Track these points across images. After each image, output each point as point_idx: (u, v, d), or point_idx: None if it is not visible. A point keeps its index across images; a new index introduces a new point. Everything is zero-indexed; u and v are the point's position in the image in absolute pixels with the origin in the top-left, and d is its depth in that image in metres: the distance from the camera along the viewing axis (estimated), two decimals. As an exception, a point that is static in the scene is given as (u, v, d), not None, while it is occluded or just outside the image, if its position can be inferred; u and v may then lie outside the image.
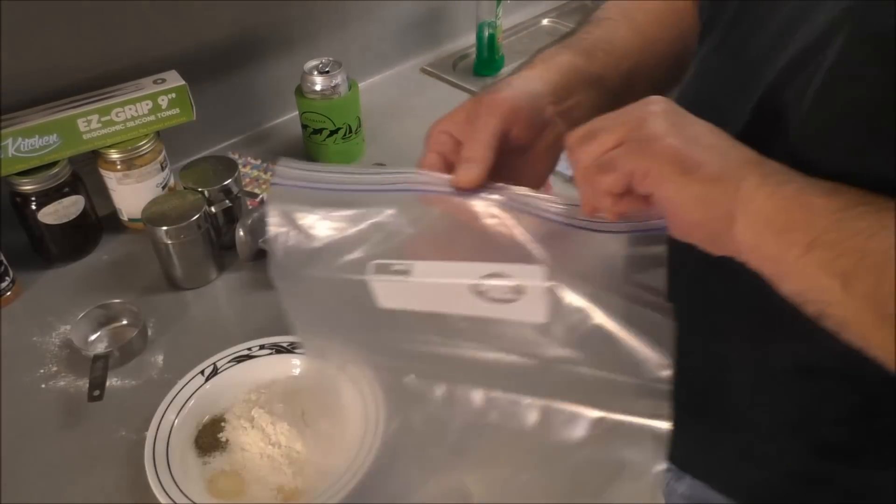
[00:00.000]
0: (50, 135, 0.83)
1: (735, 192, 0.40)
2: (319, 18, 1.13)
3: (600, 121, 0.45)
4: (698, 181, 0.40)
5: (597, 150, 0.43)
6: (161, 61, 0.95)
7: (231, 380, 0.72)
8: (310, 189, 0.49)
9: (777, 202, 0.40)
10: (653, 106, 0.43)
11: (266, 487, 0.64)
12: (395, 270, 0.47)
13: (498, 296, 0.46)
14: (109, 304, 0.81)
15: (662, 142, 0.41)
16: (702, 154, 0.41)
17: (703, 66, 0.56)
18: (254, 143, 1.12)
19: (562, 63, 0.55)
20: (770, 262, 0.40)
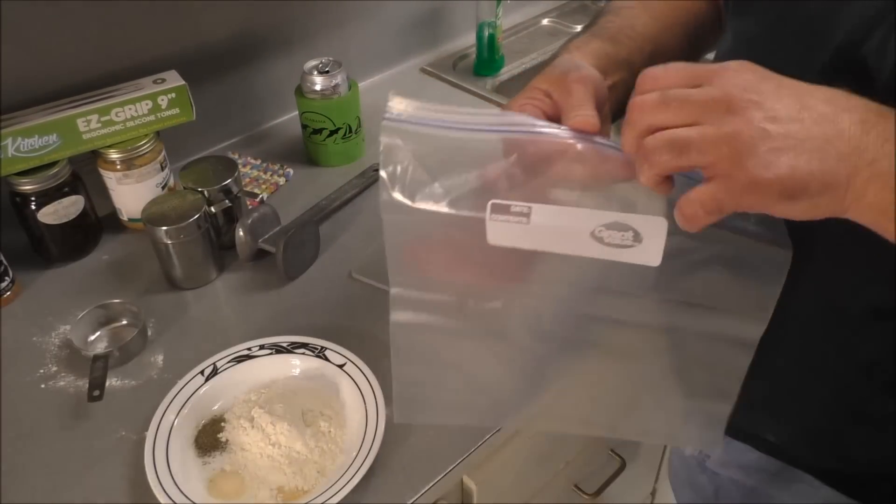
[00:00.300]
0: (50, 135, 0.83)
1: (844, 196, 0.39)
2: (319, 18, 1.13)
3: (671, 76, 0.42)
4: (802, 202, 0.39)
5: (669, 119, 0.40)
6: (161, 61, 0.95)
7: (231, 380, 0.72)
8: (423, 126, 0.50)
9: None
10: (736, 76, 0.40)
11: (266, 487, 0.65)
12: (514, 212, 0.48)
13: (617, 242, 0.47)
14: (109, 304, 0.81)
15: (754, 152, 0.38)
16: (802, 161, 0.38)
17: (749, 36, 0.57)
18: (254, 143, 1.12)
19: (595, 49, 0.58)
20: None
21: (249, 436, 0.67)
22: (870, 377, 0.56)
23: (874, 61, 0.46)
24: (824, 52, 0.49)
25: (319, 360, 0.73)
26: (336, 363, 0.73)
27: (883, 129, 0.39)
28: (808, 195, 0.39)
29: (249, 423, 0.68)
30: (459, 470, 0.69)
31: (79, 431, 0.71)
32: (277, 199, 0.99)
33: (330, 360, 0.73)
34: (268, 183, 1.02)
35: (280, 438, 0.66)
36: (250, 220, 0.86)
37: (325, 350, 0.74)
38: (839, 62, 0.48)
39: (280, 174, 1.04)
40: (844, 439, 0.61)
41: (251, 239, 0.86)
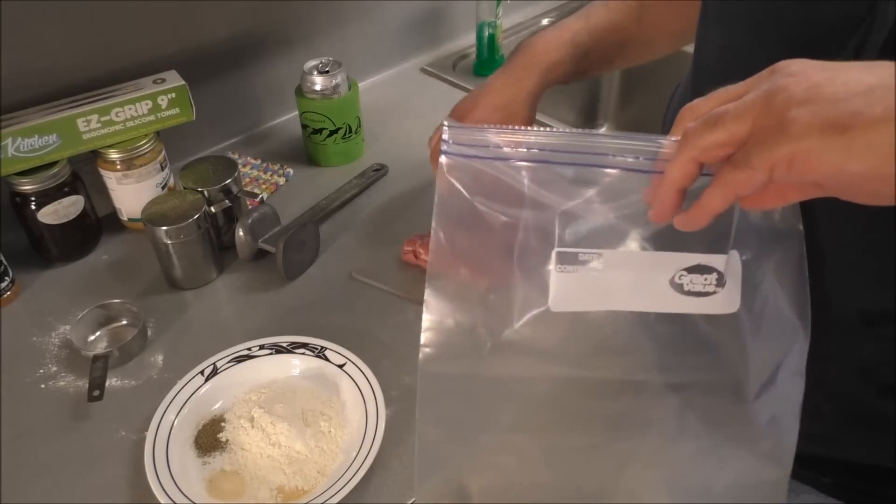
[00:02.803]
0: (50, 135, 0.83)
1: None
2: (319, 18, 1.13)
3: (721, 97, 0.40)
4: (862, 129, 0.33)
5: (722, 138, 0.37)
6: (161, 61, 0.95)
7: (231, 380, 0.72)
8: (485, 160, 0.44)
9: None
10: (783, 77, 0.37)
11: (266, 487, 0.64)
12: (582, 260, 0.43)
13: (699, 289, 0.43)
14: (109, 304, 0.81)
15: (801, 117, 0.34)
16: (856, 101, 0.34)
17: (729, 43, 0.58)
18: (254, 143, 1.12)
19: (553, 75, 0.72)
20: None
21: (249, 436, 0.67)
22: (866, 382, 0.56)
23: None
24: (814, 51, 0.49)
25: (319, 360, 0.73)
26: (336, 363, 0.73)
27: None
28: (864, 122, 0.33)
29: (249, 423, 0.68)
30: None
31: (79, 431, 0.71)
32: (277, 199, 0.99)
33: (330, 360, 0.73)
34: (268, 183, 1.02)
35: (280, 438, 0.66)
36: (250, 220, 0.86)
37: (325, 350, 0.74)
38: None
39: (280, 174, 1.04)
40: (846, 446, 0.60)
41: (251, 239, 0.86)
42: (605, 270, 0.43)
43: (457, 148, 0.44)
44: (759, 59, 0.53)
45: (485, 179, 0.44)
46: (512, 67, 0.76)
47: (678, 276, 0.43)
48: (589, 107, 1.50)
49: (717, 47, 0.59)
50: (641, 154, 0.43)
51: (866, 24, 0.45)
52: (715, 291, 0.43)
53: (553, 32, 0.76)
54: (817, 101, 0.34)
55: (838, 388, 0.57)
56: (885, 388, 0.55)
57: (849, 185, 0.36)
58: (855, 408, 0.58)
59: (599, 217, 0.44)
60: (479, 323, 0.45)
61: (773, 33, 0.52)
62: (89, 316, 0.80)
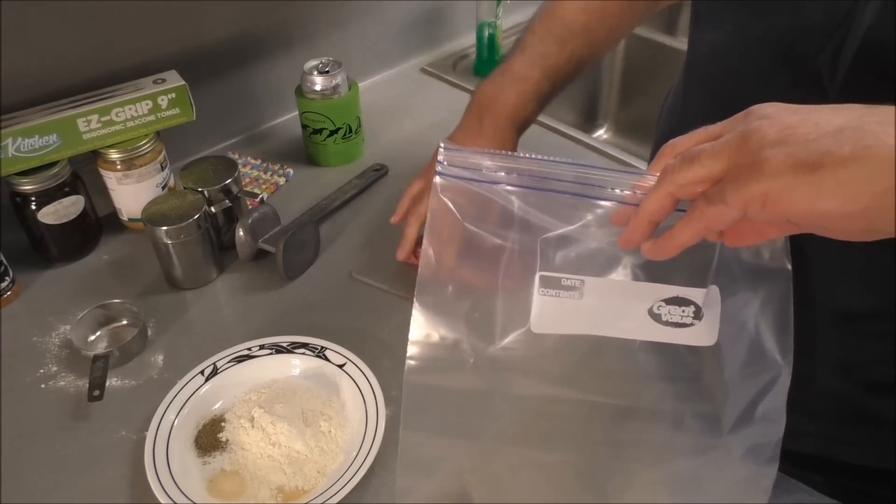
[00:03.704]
0: (50, 135, 0.83)
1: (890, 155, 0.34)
2: (319, 18, 1.13)
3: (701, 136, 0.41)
4: (831, 168, 0.34)
5: (699, 175, 0.39)
6: (161, 61, 0.95)
7: (231, 380, 0.72)
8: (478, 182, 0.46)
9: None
10: (758, 120, 0.38)
11: (266, 487, 0.64)
12: (565, 285, 0.45)
13: (676, 320, 0.44)
14: (109, 304, 0.81)
15: (775, 157, 0.36)
16: (826, 141, 0.35)
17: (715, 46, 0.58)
18: (254, 143, 1.12)
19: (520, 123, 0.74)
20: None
21: (249, 436, 0.67)
22: (851, 379, 0.56)
23: (827, 75, 0.48)
24: (788, 65, 0.50)
25: (319, 360, 0.73)
26: (336, 363, 0.73)
27: None
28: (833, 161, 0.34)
29: (249, 423, 0.68)
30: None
31: (79, 431, 0.71)
32: (277, 199, 0.99)
33: (330, 360, 0.73)
34: (268, 183, 1.02)
35: (280, 438, 0.66)
36: (250, 220, 0.86)
37: (325, 350, 0.74)
38: (799, 75, 0.49)
39: (280, 174, 1.04)
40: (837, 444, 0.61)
41: (251, 239, 0.86)
42: (586, 297, 0.45)
43: (451, 170, 0.46)
44: (747, 62, 0.54)
45: (476, 201, 0.46)
46: (489, 125, 0.75)
47: (657, 306, 0.44)
48: (589, 107, 1.50)
49: (707, 50, 0.60)
50: (629, 188, 0.44)
51: (843, 28, 0.46)
52: (692, 323, 0.44)
53: (517, 86, 0.75)
54: (790, 141, 0.35)
55: (825, 386, 0.58)
56: (871, 386, 0.56)
57: (821, 222, 0.36)
58: (843, 405, 0.58)
59: (583, 244, 0.46)
60: (463, 339, 0.47)
61: (759, 37, 0.53)
62: (89, 316, 0.80)
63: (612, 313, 0.45)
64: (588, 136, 1.12)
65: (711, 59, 0.59)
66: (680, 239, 0.40)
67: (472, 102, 0.78)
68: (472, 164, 0.47)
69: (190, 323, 0.82)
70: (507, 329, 0.46)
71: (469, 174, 0.46)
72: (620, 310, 0.45)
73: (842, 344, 0.56)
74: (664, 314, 0.44)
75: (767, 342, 0.46)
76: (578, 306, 0.45)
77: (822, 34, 0.48)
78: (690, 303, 0.44)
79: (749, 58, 0.54)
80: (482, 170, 0.46)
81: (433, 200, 0.46)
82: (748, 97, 0.43)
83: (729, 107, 0.55)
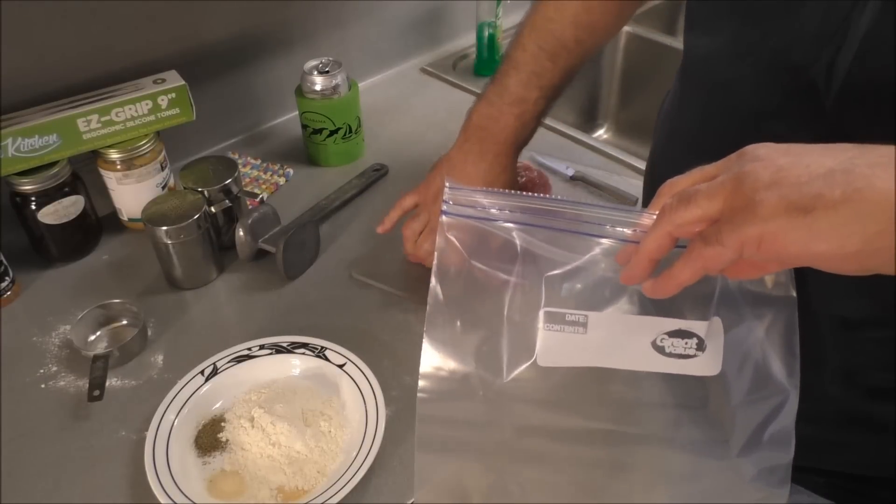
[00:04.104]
0: (50, 135, 0.83)
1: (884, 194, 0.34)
2: (319, 18, 1.13)
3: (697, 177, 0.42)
4: (823, 211, 0.35)
5: (696, 215, 0.39)
6: (161, 61, 0.95)
7: (231, 380, 0.72)
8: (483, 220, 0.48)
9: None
10: (752, 162, 0.39)
11: (266, 487, 0.64)
12: (569, 321, 0.46)
13: (680, 352, 0.45)
14: (109, 304, 0.81)
15: (768, 199, 0.36)
16: (818, 184, 0.36)
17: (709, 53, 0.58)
18: (254, 143, 1.12)
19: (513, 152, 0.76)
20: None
21: (249, 436, 0.67)
22: (851, 385, 0.57)
23: (822, 83, 0.48)
24: (783, 73, 0.50)
25: (319, 360, 0.73)
26: (336, 363, 0.73)
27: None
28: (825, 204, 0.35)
29: (249, 423, 0.68)
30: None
31: (79, 431, 0.71)
32: (277, 199, 0.99)
33: (330, 360, 0.73)
34: (268, 183, 1.02)
35: (280, 438, 0.66)
36: (250, 220, 0.86)
37: (325, 350, 0.74)
38: (794, 83, 0.49)
39: (280, 174, 1.04)
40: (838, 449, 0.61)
41: (251, 239, 0.86)
42: (591, 331, 0.46)
43: (456, 209, 0.48)
44: (741, 69, 0.54)
45: (481, 238, 0.48)
46: (490, 151, 0.76)
47: (660, 339, 0.45)
48: (589, 107, 1.50)
49: (702, 56, 0.60)
50: (629, 226, 0.46)
51: (838, 37, 0.46)
52: (696, 354, 0.45)
53: (516, 108, 0.75)
54: (783, 184, 0.36)
55: (825, 392, 0.58)
56: (870, 391, 0.56)
57: (816, 262, 0.37)
58: (843, 411, 0.58)
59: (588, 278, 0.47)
60: (472, 373, 0.48)
61: (753, 44, 0.53)
62: (89, 316, 0.80)
63: (617, 346, 0.46)
64: (588, 136, 1.12)
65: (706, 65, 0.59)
66: (679, 279, 0.41)
67: (471, 125, 0.78)
68: (476, 203, 0.48)
69: (190, 323, 0.82)
70: (515, 363, 0.47)
71: (474, 212, 0.48)
72: (624, 343, 0.46)
73: (841, 350, 0.56)
74: (667, 346, 0.45)
75: (774, 367, 0.46)
76: (583, 340, 0.46)
77: (817, 43, 0.48)
78: (693, 335, 0.45)
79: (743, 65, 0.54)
80: (487, 208, 0.48)
81: (440, 239, 0.48)
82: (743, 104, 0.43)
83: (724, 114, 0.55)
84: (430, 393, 0.48)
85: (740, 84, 0.54)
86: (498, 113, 0.75)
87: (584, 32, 0.74)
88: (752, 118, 0.54)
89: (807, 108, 0.49)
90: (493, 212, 0.48)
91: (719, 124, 0.58)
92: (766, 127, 0.53)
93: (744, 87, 0.54)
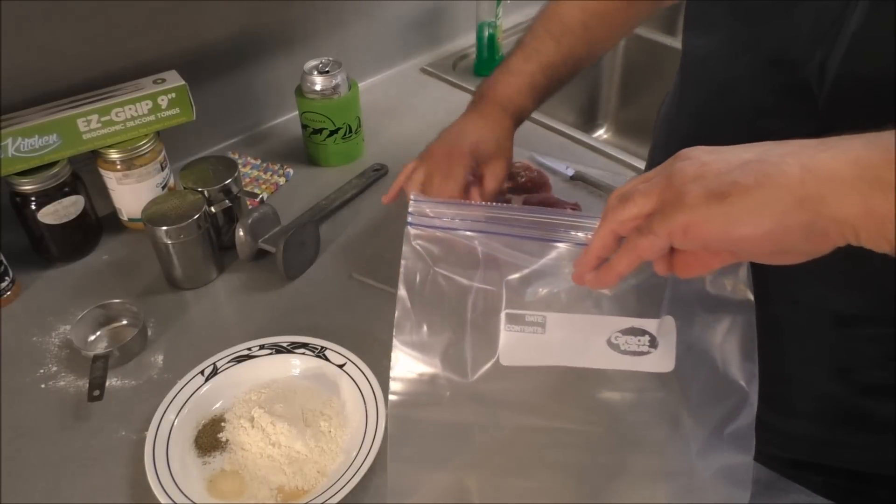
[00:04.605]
0: (50, 135, 0.83)
1: (792, 178, 0.37)
2: (319, 18, 1.13)
3: (638, 181, 0.44)
4: (740, 196, 0.38)
5: (633, 212, 0.43)
6: (161, 61, 0.95)
7: (231, 380, 0.72)
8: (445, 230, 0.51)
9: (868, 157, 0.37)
10: (681, 161, 0.42)
11: (266, 487, 0.64)
12: (529, 321, 0.48)
13: (633, 349, 0.48)
14: (109, 304, 0.81)
15: (692, 190, 0.40)
16: (734, 174, 0.39)
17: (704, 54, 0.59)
18: (254, 143, 1.12)
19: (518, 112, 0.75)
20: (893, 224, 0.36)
21: (249, 436, 0.67)
22: (845, 382, 0.57)
23: (815, 81, 0.48)
24: (778, 72, 0.51)
25: (319, 360, 0.73)
26: (336, 363, 0.73)
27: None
28: (741, 190, 0.38)
29: (249, 423, 0.68)
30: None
31: (79, 431, 0.71)
32: (277, 199, 0.99)
33: (330, 360, 0.73)
34: (268, 183, 1.02)
35: (280, 438, 0.66)
36: (250, 220, 0.86)
37: (325, 350, 0.74)
38: (789, 82, 0.50)
39: (280, 174, 1.04)
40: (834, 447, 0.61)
41: (251, 239, 0.86)
42: (549, 331, 0.48)
43: (420, 219, 0.51)
44: (738, 68, 0.55)
45: (445, 246, 0.51)
46: (484, 112, 0.76)
47: (614, 336, 0.48)
48: (589, 107, 1.50)
49: (700, 56, 0.61)
50: (583, 230, 0.49)
51: (831, 36, 0.47)
52: (649, 351, 0.48)
53: (512, 78, 0.77)
54: (706, 176, 0.40)
55: (821, 389, 0.58)
56: (865, 388, 0.56)
57: (738, 247, 0.40)
58: (840, 408, 0.58)
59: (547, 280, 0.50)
60: (440, 374, 0.51)
61: (749, 44, 0.54)
62: (89, 316, 0.80)
63: (575, 345, 0.48)
64: (588, 136, 1.12)
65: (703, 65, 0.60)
66: (617, 268, 0.44)
67: (474, 95, 0.81)
68: (439, 213, 0.52)
69: (190, 323, 0.82)
70: (479, 363, 0.50)
71: (438, 222, 0.52)
72: (581, 341, 0.48)
73: (836, 347, 0.56)
74: (622, 344, 0.48)
75: (732, 369, 0.49)
76: (543, 340, 0.48)
77: (810, 41, 0.48)
78: (645, 332, 0.47)
79: (740, 64, 0.54)
80: (450, 218, 0.52)
81: (406, 248, 0.51)
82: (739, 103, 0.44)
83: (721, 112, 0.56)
84: (401, 395, 0.50)
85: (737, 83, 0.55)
86: (495, 82, 0.78)
87: (592, 19, 0.75)
88: (747, 117, 0.55)
89: (801, 106, 0.50)
90: (456, 221, 0.51)
91: (716, 123, 0.58)
92: (761, 125, 0.53)
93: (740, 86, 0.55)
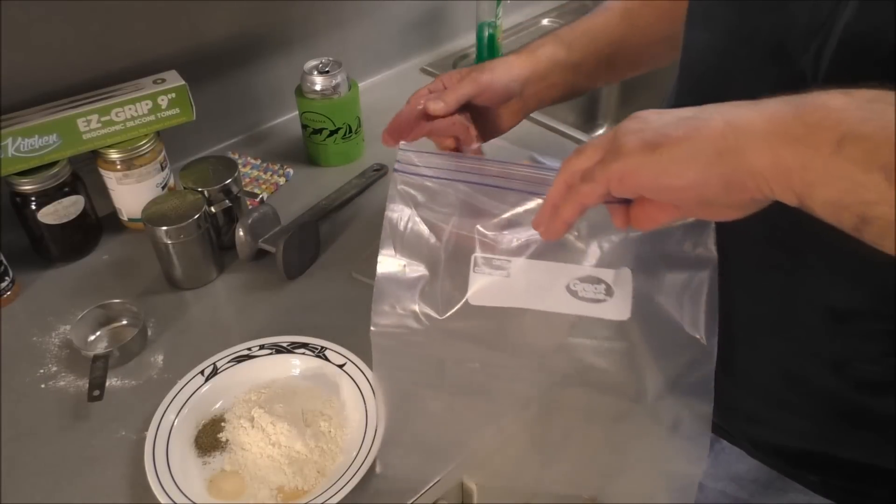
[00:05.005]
0: (50, 135, 0.83)
1: (715, 131, 0.41)
2: (319, 18, 1.13)
3: (592, 139, 0.48)
4: (669, 146, 0.42)
5: (582, 163, 0.46)
6: (161, 61, 0.95)
7: (231, 380, 0.72)
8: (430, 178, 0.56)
9: (782, 112, 0.40)
10: (630, 120, 0.45)
11: (266, 487, 0.64)
12: (496, 265, 0.52)
13: (590, 296, 0.51)
14: (109, 304, 0.81)
15: (630, 142, 0.43)
16: (668, 128, 0.42)
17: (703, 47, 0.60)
18: (254, 143, 1.12)
19: (541, 54, 0.70)
20: (797, 176, 0.39)
21: (249, 436, 0.67)
22: (841, 377, 0.57)
23: (810, 73, 0.49)
24: (775, 64, 0.51)
25: (319, 360, 0.73)
26: (336, 363, 0.73)
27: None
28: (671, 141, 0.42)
29: (249, 423, 0.68)
30: (459, 470, 0.69)
31: (79, 431, 0.71)
32: (277, 199, 0.99)
33: (330, 360, 0.73)
34: (268, 183, 1.02)
35: (280, 438, 0.66)
36: (250, 220, 0.86)
37: (325, 350, 0.74)
38: (785, 75, 0.50)
39: (280, 174, 1.04)
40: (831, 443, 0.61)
41: (251, 239, 0.86)
42: (513, 275, 0.52)
43: (406, 167, 0.56)
44: (736, 62, 0.55)
45: (427, 193, 0.55)
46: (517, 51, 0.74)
47: (573, 283, 0.51)
48: (589, 107, 1.50)
49: (700, 50, 0.61)
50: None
51: (826, 28, 0.47)
52: (605, 299, 0.51)
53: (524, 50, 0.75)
54: (644, 130, 0.43)
55: (817, 385, 0.58)
56: (860, 384, 0.56)
57: (668, 196, 0.43)
58: (835, 403, 0.58)
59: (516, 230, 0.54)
60: (418, 310, 0.55)
61: (747, 38, 0.54)
62: (89, 316, 0.80)
63: (537, 289, 0.52)
64: (588, 136, 1.12)
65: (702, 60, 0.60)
66: (564, 215, 0.47)
67: None
68: (425, 162, 0.56)
69: (190, 323, 0.82)
70: (450, 302, 0.54)
71: (423, 171, 0.56)
72: (543, 286, 0.52)
73: (833, 343, 0.56)
74: (580, 291, 0.51)
75: (687, 324, 0.52)
76: (508, 283, 0.52)
77: (806, 34, 0.49)
78: (602, 281, 0.51)
79: (738, 57, 0.55)
80: (434, 167, 0.55)
81: (391, 192, 0.55)
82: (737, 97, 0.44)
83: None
84: (380, 326, 0.56)
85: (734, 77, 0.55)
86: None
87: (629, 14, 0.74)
88: None
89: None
90: (440, 170, 0.55)
91: None
92: None
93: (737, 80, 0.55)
